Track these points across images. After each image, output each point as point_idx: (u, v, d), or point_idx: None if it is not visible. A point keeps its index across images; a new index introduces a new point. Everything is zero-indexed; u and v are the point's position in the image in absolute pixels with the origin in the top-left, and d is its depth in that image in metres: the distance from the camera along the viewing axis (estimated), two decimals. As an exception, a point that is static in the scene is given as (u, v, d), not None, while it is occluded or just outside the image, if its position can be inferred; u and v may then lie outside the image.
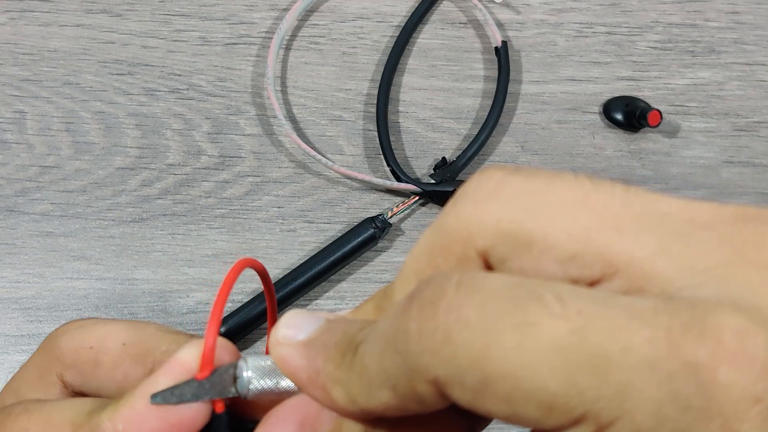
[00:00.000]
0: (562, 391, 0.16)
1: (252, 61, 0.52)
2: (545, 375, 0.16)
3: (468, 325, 0.16)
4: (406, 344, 0.17)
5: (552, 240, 0.18)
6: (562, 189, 0.19)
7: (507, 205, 0.19)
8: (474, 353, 0.16)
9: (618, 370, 0.16)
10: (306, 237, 0.48)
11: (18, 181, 0.48)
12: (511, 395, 0.16)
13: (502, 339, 0.16)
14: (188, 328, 0.46)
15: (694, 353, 0.16)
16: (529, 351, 0.16)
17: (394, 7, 0.54)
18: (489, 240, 0.19)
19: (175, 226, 0.48)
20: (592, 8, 0.54)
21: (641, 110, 0.50)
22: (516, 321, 0.16)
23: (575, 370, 0.16)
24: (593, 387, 0.16)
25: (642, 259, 0.18)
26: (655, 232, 0.18)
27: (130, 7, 0.53)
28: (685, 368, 0.16)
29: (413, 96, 0.52)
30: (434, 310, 0.17)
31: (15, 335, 0.45)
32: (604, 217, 0.18)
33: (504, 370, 0.16)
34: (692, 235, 0.18)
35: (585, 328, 0.16)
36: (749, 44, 0.54)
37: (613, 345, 0.16)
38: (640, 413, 0.16)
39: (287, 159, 0.50)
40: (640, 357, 0.16)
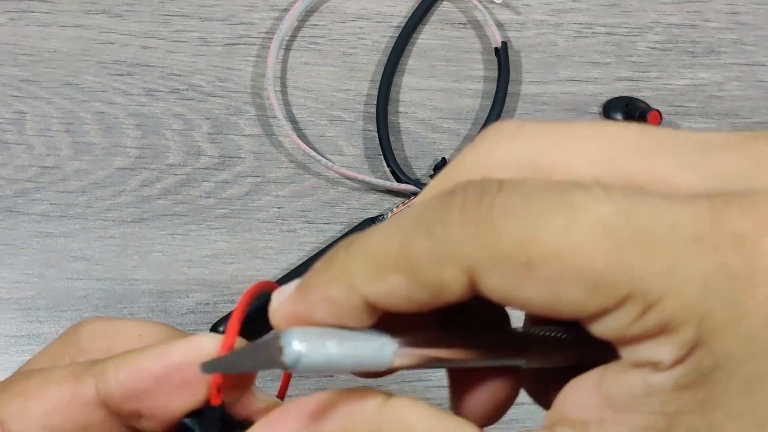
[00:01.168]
0: (609, 268, 0.16)
1: (252, 61, 0.52)
2: (593, 253, 0.16)
3: (514, 212, 0.17)
4: (446, 230, 0.17)
5: (574, 167, 0.18)
6: (581, 126, 0.19)
7: (528, 141, 0.19)
8: (520, 236, 0.16)
9: (665, 245, 0.16)
10: (306, 237, 0.48)
11: (18, 181, 0.48)
12: (556, 277, 0.16)
13: (549, 221, 0.16)
14: (188, 328, 0.46)
15: (738, 224, 0.16)
16: (576, 231, 0.16)
17: (394, 8, 0.54)
18: (508, 172, 0.19)
19: (175, 227, 0.48)
20: (591, 9, 0.54)
21: (641, 111, 0.50)
22: (562, 204, 0.17)
23: (623, 248, 0.16)
24: (641, 264, 0.16)
25: (665, 175, 0.18)
26: (675, 152, 0.18)
27: (130, 7, 0.53)
28: (731, 239, 0.16)
29: (413, 96, 0.52)
30: (479, 202, 0.17)
31: (15, 335, 0.45)
32: (624, 144, 0.18)
33: (551, 250, 0.16)
34: (710, 152, 0.18)
35: (630, 209, 0.16)
36: (749, 45, 0.54)
37: (659, 222, 0.16)
38: (688, 286, 0.16)
39: (287, 159, 0.50)
40: (687, 231, 0.16)
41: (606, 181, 0.18)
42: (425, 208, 0.18)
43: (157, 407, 0.22)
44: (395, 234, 0.18)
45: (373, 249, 0.18)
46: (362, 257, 0.18)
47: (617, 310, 0.17)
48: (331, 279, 0.19)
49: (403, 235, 0.18)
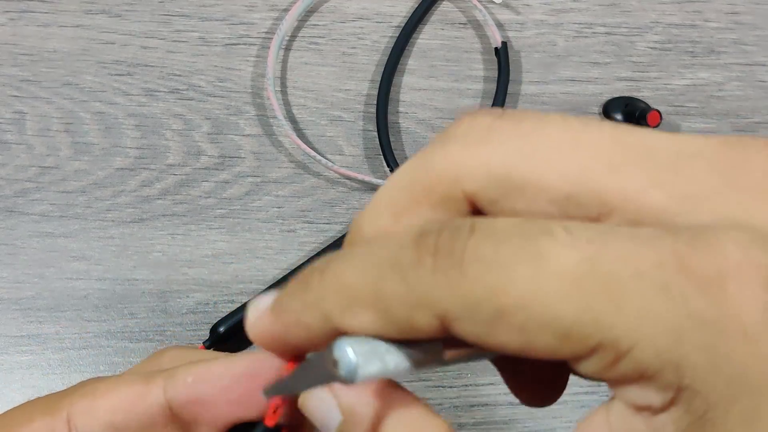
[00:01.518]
0: (577, 318, 0.16)
1: (252, 61, 0.52)
2: (560, 303, 0.16)
3: (483, 261, 0.17)
4: (418, 276, 0.17)
5: (546, 182, 0.18)
6: (553, 130, 0.19)
7: (498, 150, 0.19)
8: (489, 287, 0.17)
9: (632, 295, 0.16)
10: (306, 237, 0.48)
11: (17, 181, 0.48)
12: (525, 325, 0.17)
13: (517, 271, 0.17)
14: (188, 328, 0.46)
15: (702, 269, 0.16)
16: (543, 281, 0.16)
17: (394, 8, 0.54)
18: (479, 183, 0.19)
19: (174, 227, 0.48)
20: (591, 8, 0.54)
21: (641, 111, 0.50)
22: (529, 253, 0.17)
23: (589, 297, 0.16)
24: (608, 313, 0.16)
25: (636, 194, 0.18)
26: (646, 166, 0.18)
27: (130, 7, 0.52)
28: (697, 286, 0.16)
29: (413, 96, 0.52)
30: (451, 248, 0.17)
31: (15, 335, 0.45)
32: (596, 156, 0.18)
33: (519, 301, 0.16)
34: (682, 165, 0.18)
35: (595, 256, 0.16)
36: (749, 45, 0.54)
37: (624, 271, 0.16)
38: (659, 336, 0.16)
39: (287, 159, 0.50)
40: (653, 280, 0.16)
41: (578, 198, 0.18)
42: (399, 249, 0.18)
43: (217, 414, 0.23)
44: (368, 270, 0.18)
45: (346, 282, 0.19)
46: (335, 289, 0.19)
47: (591, 357, 0.17)
48: (306, 306, 0.19)
49: (376, 274, 0.18)
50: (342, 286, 0.19)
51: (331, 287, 0.19)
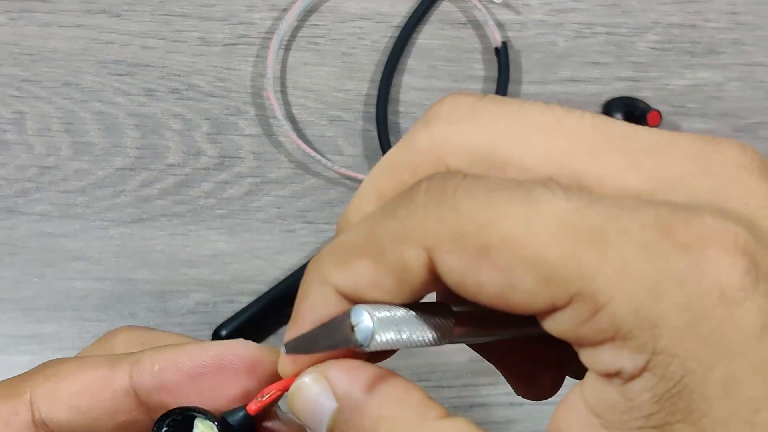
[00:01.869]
0: (561, 262, 0.17)
1: (251, 61, 0.52)
2: (547, 245, 0.17)
3: (476, 197, 0.17)
4: (409, 211, 0.18)
5: (528, 162, 0.19)
6: (536, 114, 0.19)
7: (483, 129, 0.19)
8: (479, 220, 0.17)
9: (615, 249, 0.17)
10: (306, 237, 0.48)
11: (18, 181, 0.48)
12: (510, 263, 0.17)
13: (509, 209, 0.17)
14: (188, 328, 0.46)
15: (683, 233, 0.17)
16: (533, 222, 0.17)
17: (393, 8, 0.54)
18: (462, 161, 0.19)
19: (174, 227, 0.48)
20: (592, 9, 0.54)
21: (641, 111, 0.50)
22: (522, 196, 0.17)
23: (576, 245, 0.17)
24: (592, 262, 0.17)
25: (614, 176, 0.18)
26: (625, 152, 0.19)
27: (130, 7, 0.53)
28: (677, 248, 0.17)
29: (413, 96, 0.52)
30: (443, 186, 0.18)
31: (15, 335, 0.45)
32: (577, 140, 0.19)
33: (507, 236, 0.17)
34: (658, 152, 0.19)
35: (586, 208, 0.17)
36: (749, 45, 0.54)
37: (611, 226, 0.17)
38: (638, 290, 0.16)
39: (287, 159, 0.50)
40: (636, 238, 0.17)
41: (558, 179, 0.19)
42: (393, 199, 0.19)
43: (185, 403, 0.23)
44: (363, 224, 0.19)
45: (343, 241, 0.19)
46: (333, 250, 0.20)
47: (568, 308, 0.17)
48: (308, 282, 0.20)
49: (370, 224, 0.19)
50: (338, 245, 0.19)
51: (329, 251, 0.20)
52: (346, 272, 0.19)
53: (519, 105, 0.19)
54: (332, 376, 0.20)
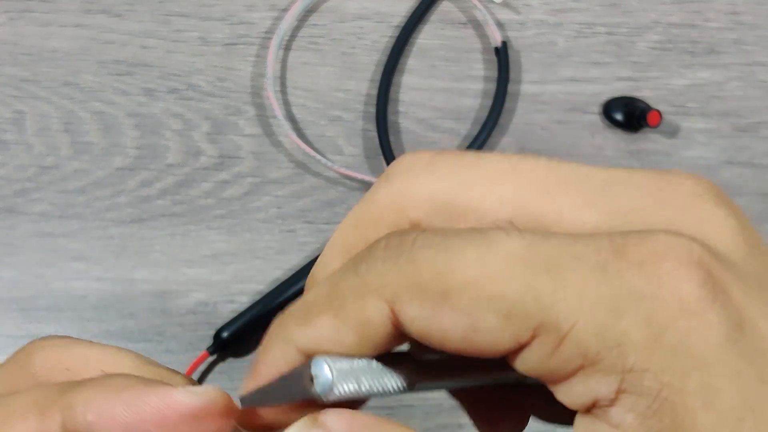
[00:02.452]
0: (520, 295, 0.17)
1: (251, 61, 0.52)
2: (505, 280, 0.17)
3: (432, 247, 0.18)
4: (369, 266, 0.18)
5: (486, 207, 0.19)
6: (492, 162, 0.20)
7: (440, 179, 0.20)
8: (437, 267, 0.17)
9: (571, 274, 0.17)
10: (305, 237, 0.48)
11: (17, 181, 0.48)
12: (471, 305, 0.17)
13: (464, 253, 0.17)
14: (188, 328, 0.46)
15: (638, 253, 0.17)
16: (489, 261, 0.17)
17: (393, 7, 0.54)
18: (422, 212, 0.20)
19: (174, 227, 0.48)
20: (592, 8, 0.54)
21: (641, 110, 0.50)
22: (477, 239, 0.18)
23: (532, 276, 0.17)
24: (549, 291, 0.17)
25: (570, 214, 0.19)
26: (579, 190, 0.19)
27: (130, 7, 0.52)
28: (632, 266, 0.17)
29: (413, 96, 0.52)
30: (401, 241, 0.18)
31: (15, 335, 0.45)
32: (533, 183, 0.19)
33: (465, 279, 0.17)
34: (614, 188, 0.19)
35: (540, 242, 0.17)
36: (749, 44, 0.54)
37: (565, 255, 0.17)
38: (598, 311, 0.17)
39: (287, 159, 0.50)
40: (591, 261, 0.17)
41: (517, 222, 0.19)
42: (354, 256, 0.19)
43: None
44: (325, 282, 0.19)
45: (305, 299, 0.20)
46: (295, 308, 0.20)
47: (534, 342, 0.17)
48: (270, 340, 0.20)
49: (331, 281, 0.19)
50: (301, 305, 0.19)
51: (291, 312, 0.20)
52: (307, 330, 0.19)
53: (475, 156, 0.20)
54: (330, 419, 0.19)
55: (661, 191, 0.19)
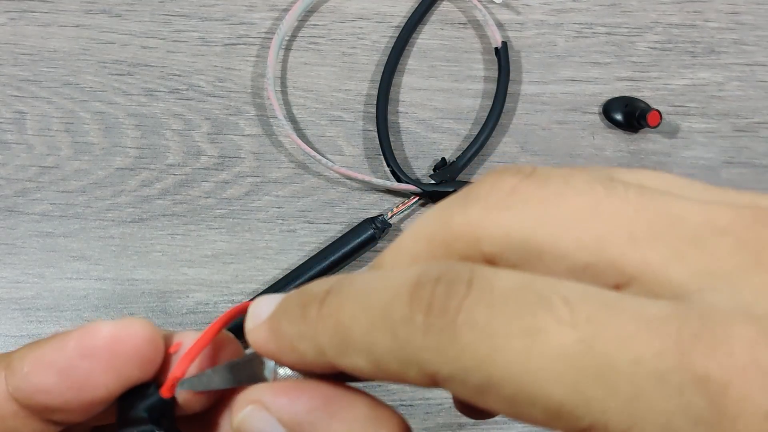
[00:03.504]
0: (568, 399, 0.16)
1: (252, 61, 0.52)
2: (551, 382, 0.16)
3: (476, 327, 0.16)
4: (409, 335, 0.17)
5: (563, 250, 0.18)
6: (574, 197, 0.18)
7: (518, 215, 0.19)
8: (480, 356, 0.16)
9: (627, 381, 0.16)
10: (306, 237, 0.48)
11: (18, 181, 0.48)
12: (515, 398, 0.16)
13: (509, 344, 0.16)
14: (188, 328, 0.46)
15: (704, 366, 0.15)
16: (535, 357, 0.16)
17: (393, 8, 0.54)
18: (497, 247, 0.19)
19: (174, 227, 0.48)
20: (592, 9, 0.54)
21: (641, 111, 0.50)
22: (524, 326, 0.16)
23: (582, 380, 0.16)
24: (601, 397, 0.16)
25: (656, 267, 0.17)
26: (669, 239, 0.17)
27: (130, 7, 0.53)
28: (696, 381, 0.15)
29: (413, 96, 0.52)
30: (444, 308, 0.17)
31: (15, 335, 0.45)
32: (617, 226, 0.18)
33: (509, 374, 0.16)
34: (708, 240, 0.17)
35: (593, 337, 0.16)
36: (749, 45, 0.54)
37: (622, 356, 0.16)
38: (649, 425, 0.16)
39: (287, 159, 0.50)
40: (650, 369, 0.15)
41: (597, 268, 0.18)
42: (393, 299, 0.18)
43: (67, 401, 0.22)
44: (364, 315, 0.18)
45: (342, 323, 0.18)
46: (331, 328, 0.19)
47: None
48: (302, 336, 0.19)
49: (369, 323, 0.18)
50: (338, 327, 0.18)
51: (327, 325, 0.19)
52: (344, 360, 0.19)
53: (560, 186, 0.19)
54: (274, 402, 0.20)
55: (763, 249, 0.17)
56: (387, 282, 0.18)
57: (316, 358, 0.19)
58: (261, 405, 0.20)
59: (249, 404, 0.20)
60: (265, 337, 0.20)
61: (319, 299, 0.19)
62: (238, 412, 0.20)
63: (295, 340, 0.19)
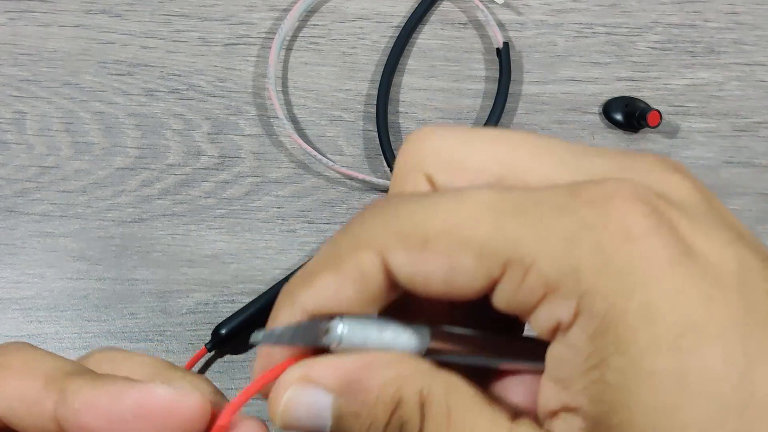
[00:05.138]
0: (490, 236, 0.19)
1: (252, 61, 0.52)
2: (476, 225, 0.20)
3: (414, 202, 0.21)
4: (362, 224, 0.21)
5: (482, 164, 0.22)
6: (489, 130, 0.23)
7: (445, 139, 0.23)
8: (417, 218, 0.20)
9: (533, 215, 0.19)
10: (306, 237, 0.48)
11: (18, 181, 0.48)
12: (449, 248, 0.20)
13: (441, 205, 0.20)
14: (188, 328, 0.46)
15: (590, 194, 0.19)
16: (462, 210, 0.20)
17: (393, 8, 0.54)
18: (431, 167, 0.22)
19: (174, 227, 0.48)
20: (591, 9, 0.54)
21: (641, 111, 0.50)
22: (453, 195, 0.20)
23: (501, 218, 0.19)
24: (514, 230, 0.19)
25: (548, 173, 0.21)
26: (559, 155, 0.22)
27: (130, 7, 0.53)
28: (586, 203, 0.19)
29: (413, 96, 0.52)
30: (388, 201, 0.21)
31: (15, 335, 0.45)
32: (522, 147, 0.22)
33: (442, 226, 0.20)
34: (588, 157, 0.22)
35: (505, 191, 0.20)
36: (749, 44, 0.54)
37: (529, 200, 0.20)
38: (555, 243, 0.19)
39: (287, 159, 0.50)
40: (550, 203, 0.20)
41: (506, 177, 0.21)
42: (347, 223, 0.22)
43: None
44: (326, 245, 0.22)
45: (308, 264, 0.22)
46: (300, 274, 0.22)
47: (504, 277, 0.19)
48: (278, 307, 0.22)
49: (331, 242, 0.22)
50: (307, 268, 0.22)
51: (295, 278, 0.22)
52: (310, 290, 0.21)
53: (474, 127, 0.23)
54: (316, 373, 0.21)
55: (627, 160, 0.21)
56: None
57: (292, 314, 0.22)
58: (304, 380, 0.21)
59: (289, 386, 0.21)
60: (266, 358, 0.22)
61: None
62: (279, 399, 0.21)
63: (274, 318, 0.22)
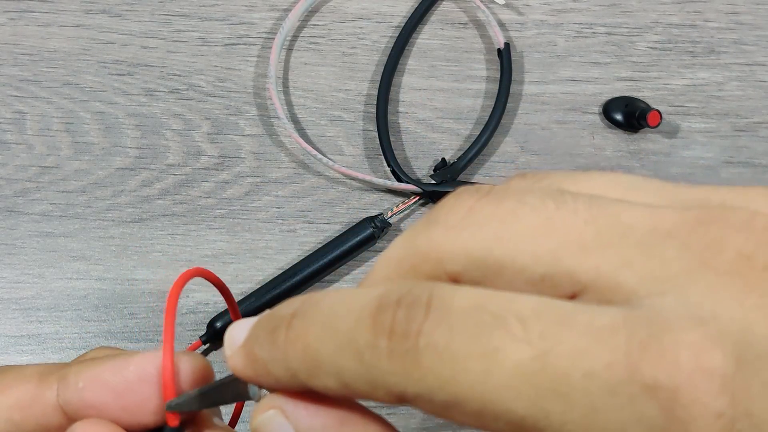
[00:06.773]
0: (529, 414, 0.17)
1: (252, 61, 0.52)
2: (511, 399, 0.17)
3: (437, 350, 0.17)
4: (374, 359, 0.18)
5: (520, 264, 0.19)
6: (528, 213, 0.19)
7: (476, 234, 0.20)
8: (443, 377, 0.17)
9: (581, 394, 0.16)
10: (306, 237, 0.48)
11: (17, 181, 0.48)
12: (480, 414, 0.17)
13: (469, 365, 0.17)
14: (188, 328, 0.46)
15: (652, 376, 0.16)
16: (494, 376, 0.17)
17: (393, 8, 0.54)
18: (460, 265, 0.20)
19: (174, 227, 0.48)
20: (592, 9, 0.54)
21: (641, 111, 0.50)
22: (482, 346, 0.17)
23: (540, 395, 0.17)
24: (559, 411, 0.16)
25: (606, 274, 0.18)
26: (618, 246, 0.18)
27: (130, 7, 0.53)
28: (645, 391, 0.16)
29: (413, 96, 0.52)
30: (405, 332, 0.18)
31: (15, 335, 0.45)
32: (568, 237, 0.19)
33: (472, 392, 0.17)
34: (654, 245, 0.18)
35: (547, 352, 0.17)
36: (749, 45, 0.54)
37: (574, 370, 0.16)
38: None
39: (287, 159, 0.50)
40: (602, 381, 0.16)
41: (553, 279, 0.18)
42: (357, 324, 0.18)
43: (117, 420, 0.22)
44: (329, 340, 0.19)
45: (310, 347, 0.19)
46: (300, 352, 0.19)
47: None
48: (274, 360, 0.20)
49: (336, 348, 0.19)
50: (306, 351, 0.19)
51: (295, 349, 0.19)
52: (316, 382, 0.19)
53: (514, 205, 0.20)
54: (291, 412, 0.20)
55: (706, 250, 0.18)
56: (350, 305, 0.19)
57: (290, 381, 0.20)
58: (282, 412, 0.20)
59: (271, 408, 0.21)
60: (242, 362, 0.21)
61: (285, 323, 0.20)
62: (261, 413, 0.21)
63: (268, 364, 0.20)
